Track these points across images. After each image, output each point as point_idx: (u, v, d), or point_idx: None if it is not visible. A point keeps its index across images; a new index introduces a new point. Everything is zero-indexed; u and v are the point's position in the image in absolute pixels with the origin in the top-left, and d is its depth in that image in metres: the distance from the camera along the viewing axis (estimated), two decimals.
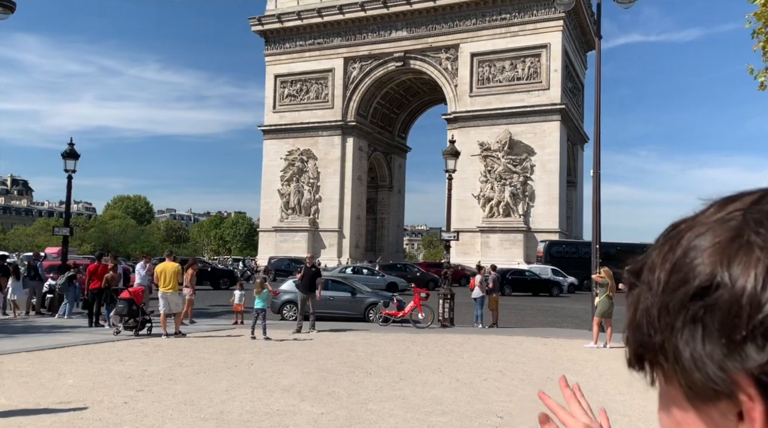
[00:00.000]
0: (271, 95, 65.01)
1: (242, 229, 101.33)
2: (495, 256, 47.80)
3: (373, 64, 61.26)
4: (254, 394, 7.97)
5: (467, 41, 56.23)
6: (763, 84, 10.51)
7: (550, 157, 52.57)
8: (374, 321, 17.71)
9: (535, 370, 10.52)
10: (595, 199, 17.59)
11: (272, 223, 63.33)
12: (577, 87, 63.16)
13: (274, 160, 63.60)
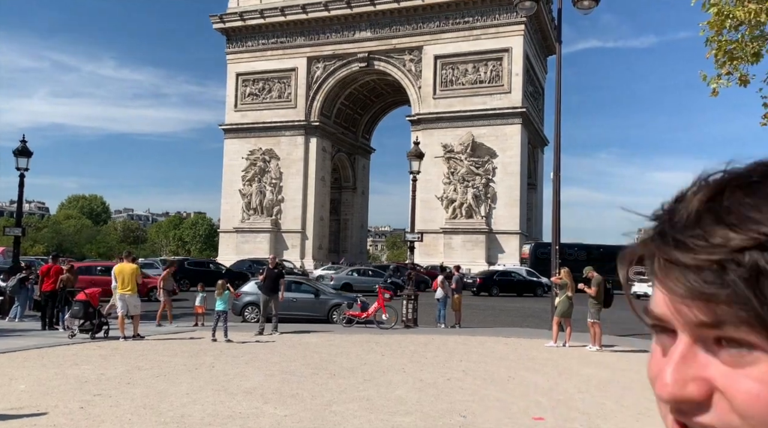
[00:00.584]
0: (232, 94, 64.19)
1: (202, 230, 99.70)
2: (458, 257, 48.22)
3: (337, 64, 61.11)
4: (216, 397, 7.84)
5: (431, 43, 56.64)
6: (716, 90, 10.86)
7: (512, 159, 53.38)
8: (338, 323, 17.65)
9: (498, 370, 10.64)
10: (555, 202, 17.93)
11: (233, 224, 62.52)
12: (537, 91, 64.28)
13: (236, 160, 62.80)
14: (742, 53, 10.41)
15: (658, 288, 0.49)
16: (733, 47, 10.41)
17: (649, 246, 0.49)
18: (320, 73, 61.68)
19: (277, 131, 62.01)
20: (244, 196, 62.40)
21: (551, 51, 66.07)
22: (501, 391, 8.91)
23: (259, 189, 61.92)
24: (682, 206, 0.47)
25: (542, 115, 66.74)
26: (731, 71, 10.69)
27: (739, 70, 10.64)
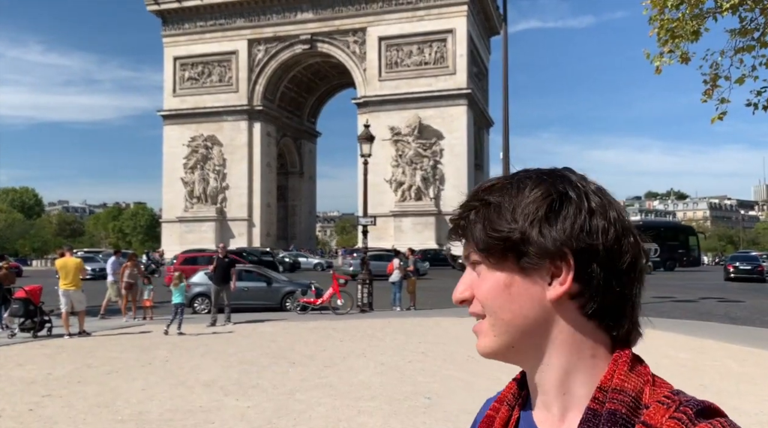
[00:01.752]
0: (170, 79, 62.13)
1: (143, 221, 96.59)
2: (408, 240, 48.51)
3: (279, 46, 59.94)
4: (174, 392, 7.57)
5: (374, 24, 56.23)
6: (659, 68, 11.13)
7: (458, 140, 53.90)
8: (292, 310, 17.44)
9: (456, 350, 10.71)
10: None
11: (176, 214, 60.87)
12: (482, 72, 64.91)
13: (176, 147, 60.99)
14: (682, 32, 10.67)
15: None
16: (674, 26, 10.65)
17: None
18: (262, 55, 60.38)
19: (218, 116, 60.49)
20: (187, 184, 60.77)
21: (494, 31, 66.79)
22: (462, 371, 8.97)
23: (202, 176, 60.42)
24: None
25: (487, 96, 67.53)
26: (673, 49, 10.95)
27: (680, 47, 10.92)
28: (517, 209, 0.74)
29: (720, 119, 10.57)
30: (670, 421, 0.66)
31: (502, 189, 0.76)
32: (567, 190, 0.75)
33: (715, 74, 10.50)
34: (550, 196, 0.74)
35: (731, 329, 13.42)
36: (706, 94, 10.84)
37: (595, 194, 0.76)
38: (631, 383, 0.72)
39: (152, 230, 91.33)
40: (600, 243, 0.72)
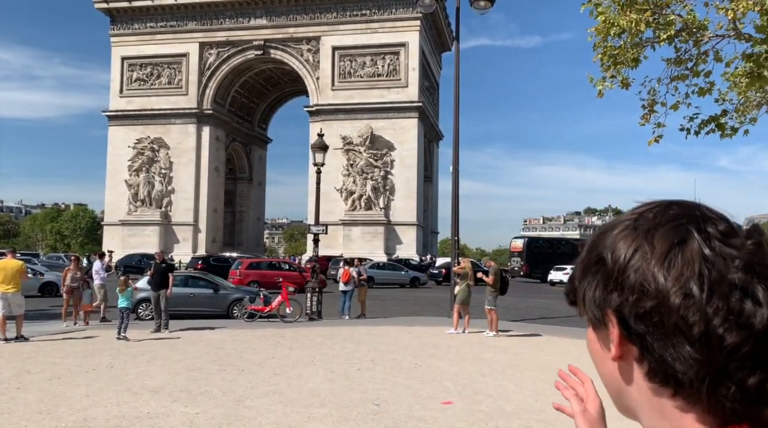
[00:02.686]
0: (117, 79, 60.52)
1: (83, 223, 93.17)
2: (357, 249, 48.67)
3: (231, 51, 59.32)
4: (120, 398, 7.47)
5: (329, 34, 56.43)
6: (601, 92, 11.71)
7: (409, 152, 54.56)
8: (239, 318, 17.28)
9: (404, 358, 10.94)
10: (454, 194, 18.59)
11: (119, 216, 59.12)
12: (433, 86, 65.97)
13: (121, 149, 59.34)
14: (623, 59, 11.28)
15: None
16: (616, 53, 11.26)
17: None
18: (213, 59, 59.58)
19: (166, 119, 59.25)
20: (131, 186, 59.17)
21: (445, 47, 68.10)
22: (410, 378, 9.19)
23: (148, 179, 58.96)
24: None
25: (437, 110, 68.63)
26: (614, 75, 11.56)
27: (621, 73, 11.53)
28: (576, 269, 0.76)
29: (656, 142, 11.22)
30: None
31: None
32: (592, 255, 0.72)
33: (652, 100, 11.13)
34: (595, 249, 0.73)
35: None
36: (644, 118, 11.48)
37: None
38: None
39: (93, 233, 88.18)
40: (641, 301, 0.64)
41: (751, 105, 10.93)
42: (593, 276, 0.69)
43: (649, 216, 0.67)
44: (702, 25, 10.39)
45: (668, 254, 0.62)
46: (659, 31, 10.64)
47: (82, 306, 15.73)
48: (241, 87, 63.96)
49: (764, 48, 9.68)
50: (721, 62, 10.64)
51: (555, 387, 0.98)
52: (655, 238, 0.64)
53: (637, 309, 0.63)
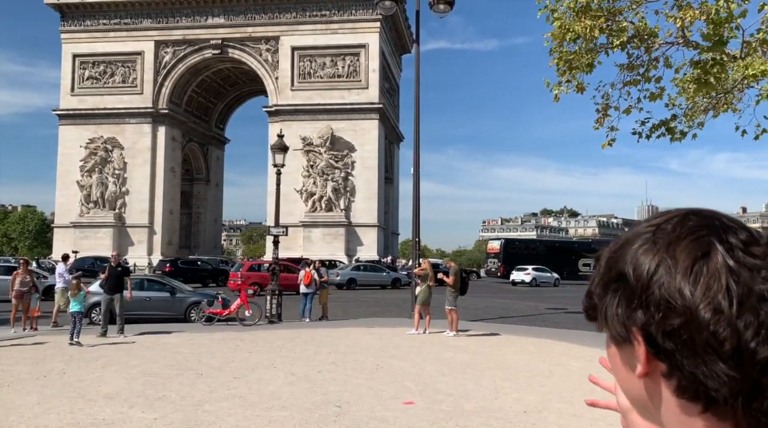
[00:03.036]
0: (68, 76, 58.69)
1: (32, 225, 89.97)
2: (317, 250, 48.41)
3: (188, 49, 58.27)
4: (74, 405, 7.26)
5: (288, 34, 56.02)
6: (557, 96, 11.99)
7: (370, 153, 54.60)
8: (197, 322, 17.00)
9: (366, 359, 10.95)
10: (414, 196, 18.71)
11: (70, 218, 57.32)
12: (393, 87, 66.20)
13: (73, 149, 57.57)
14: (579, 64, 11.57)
15: None
16: (571, 58, 11.53)
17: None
18: (169, 58, 58.42)
19: (120, 118, 57.78)
20: (83, 187, 57.46)
21: (405, 49, 68.45)
22: (371, 379, 9.21)
23: (101, 180, 57.36)
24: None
25: (398, 112, 68.91)
26: (570, 79, 11.83)
27: (577, 78, 11.82)
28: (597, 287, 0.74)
29: (610, 145, 11.54)
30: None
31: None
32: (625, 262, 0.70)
33: (606, 104, 11.45)
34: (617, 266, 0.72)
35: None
36: (598, 122, 11.80)
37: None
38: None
39: (43, 235, 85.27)
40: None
41: (699, 110, 11.34)
42: (614, 293, 0.67)
43: (667, 228, 0.65)
44: (653, 32, 10.75)
45: (693, 268, 0.61)
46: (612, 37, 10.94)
47: (31, 312, 15.20)
48: (198, 86, 62.88)
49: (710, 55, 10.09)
50: (670, 68, 11.03)
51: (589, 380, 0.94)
52: (677, 252, 0.63)
53: (664, 327, 0.62)
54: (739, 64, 9.46)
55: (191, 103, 63.57)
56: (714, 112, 11.23)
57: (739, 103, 11.03)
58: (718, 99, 10.98)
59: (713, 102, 11.07)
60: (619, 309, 0.66)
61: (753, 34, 9.83)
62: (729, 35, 9.72)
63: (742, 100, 11.03)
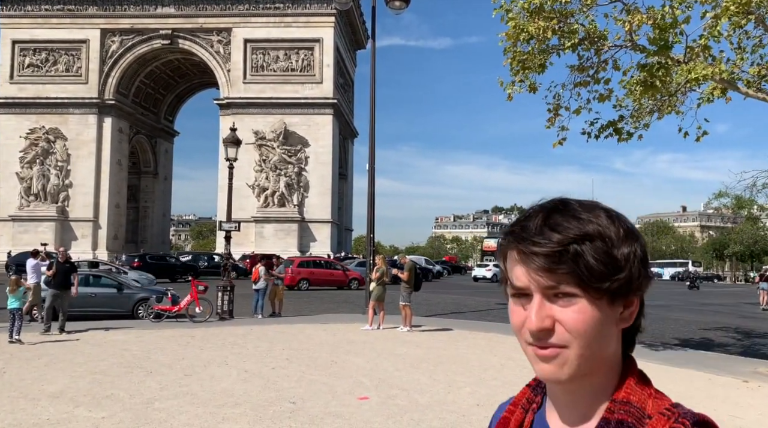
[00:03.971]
0: (7, 63, 56.11)
1: None
2: (270, 246, 47.84)
3: (136, 39, 56.56)
4: (15, 404, 6.97)
5: (240, 26, 55.07)
6: (510, 95, 12.19)
7: (324, 149, 54.28)
8: (144, 318, 16.58)
9: (320, 355, 10.92)
10: (370, 193, 18.71)
11: (9, 211, 54.90)
12: (348, 83, 65.97)
13: (12, 139, 55.14)
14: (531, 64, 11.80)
15: (521, 269, 0.83)
16: (525, 58, 11.74)
17: (511, 246, 0.85)
18: (116, 47, 56.59)
19: (63, 108, 55.64)
20: (23, 179, 55.13)
21: (360, 45, 68.30)
22: (326, 375, 9.19)
23: (42, 172, 55.14)
24: (531, 223, 0.83)
25: (352, 107, 68.70)
26: (523, 79, 12.04)
27: (529, 78, 12.04)
28: (622, 248, 0.81)
29: (561, 144, 11.82)
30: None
31: (591, 222, 0.82)
32: (634, 229, 0.85)
33: (557, 104, 11.72)
34: (638, 237, 0.84)
35: None
36: (549, 122, 12.06)
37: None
38: (637, 396, 0.83)
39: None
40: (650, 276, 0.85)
41: (645, 111, 11.74)
42: (635, 256, 0.82)
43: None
44: (602, 35, 11.06)
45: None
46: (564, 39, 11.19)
47: None
48: (146, 77, 61.14)
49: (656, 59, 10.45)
50: (619, 71, 11.38)
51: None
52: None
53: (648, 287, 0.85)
54: (683, 68, 9.84)
55: (139, 94, 61.78)
56: (659, 114, 11.65)
57: (682, 106, 11.48)
58: (663, 101, 11.39)
59: (658, 104, 11.48)
60: (639, 271, 0.83)
61: (695, 40, 10.25)
62: (674, 40, 10.11)
63: (684, 103, 11.48)
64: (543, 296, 0.81)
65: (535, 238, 0.81)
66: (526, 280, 0.82)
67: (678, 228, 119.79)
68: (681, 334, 15.68)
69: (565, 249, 0.80)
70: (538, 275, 0.81)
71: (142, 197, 66.45)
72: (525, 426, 0.93)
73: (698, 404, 7.77)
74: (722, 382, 9.26)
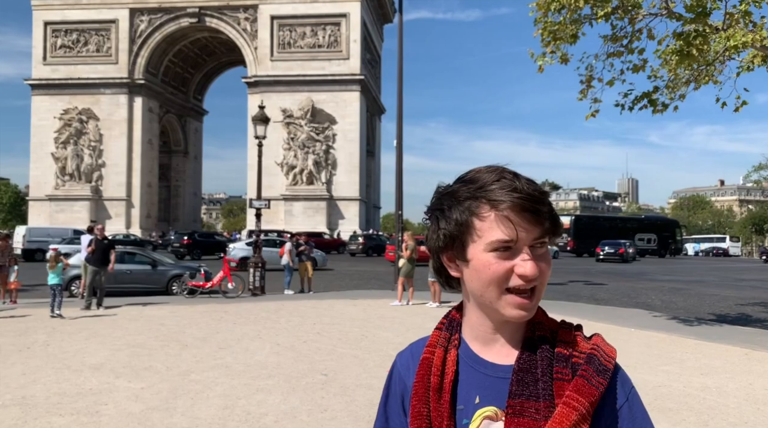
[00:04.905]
0: (40, 45, 57.08)
1: (6, 198, 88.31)
2: (298, 224, 48.30)
3: (164, 18, 56.90)
4: (59, 375, 7.23)
5: (267, 2, 54.92)
6: (541, 67, 11.95)
7: (351, 126, 54.19)
8: (178, 294, 16.95)
9: (351, 329, 11.04)
10: (398, 170, 18.67)
11: (45, 191, 56.36)
12: (375, 58, 65.48)
13: (46, 120, 56.34)
14: (563, 34, 11.52)
15: (510, 224, 0.95)
16: (556, 28, 11.47)
17: (505, 203, 0.99)
18: (145, 26, 57.04)
19: (95, 89, 56.53)
20: (58, 160, 56.41)
21: (387, 19, 67.58)
22: (356, 349, 9.29)
23: (76, 152, 56.35)
24: (517, 183, 1.00)
25: (380, 83, 68.28)
26: (554, 50, 11.78)
27: (561, 49, 11.77)
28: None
29: (593, 116, 11.59)
30: (576, 338, 1.04)
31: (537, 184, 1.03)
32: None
33: (589, 76, 11.46)
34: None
35: (595, 309, 14.85)
36: (581, 94, 11.82)
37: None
38: (545, 317, 1.07)
39: (17, 208, 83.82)
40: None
41: (681, 82, 11.41)
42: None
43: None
44: (636, 3, 10.72)
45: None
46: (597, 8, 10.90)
47: (9, 284, 15.01)
48: (175, 56, 61.61)
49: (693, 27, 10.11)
50: (653, 40, 11.05)
51: None
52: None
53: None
54: (721, 35, 9.51)
55: (168, 73, 62.35)
56: (695, 84, 11.31)
57: (720, 76, 11.12)
58: (700, 71, 11.05)
59: (695, 74, 11.14)
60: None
61: (735, 6, 9.87)
62: (712, 6, 9.75)
63: (723, 72, 11.11)
64: (528, 247, 0.96)
65: (534, 195, 0.97)
66: (514, 234, 0.95)
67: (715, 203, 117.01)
68: (717, 309, 15.42)
69: (551, 207, 0.98)
70: (533, 228, 0.96)
71: (173, 176, 67.48)
72: (449, 360, 1.06)
73: (734, 378, 7.67)
74: (759, 357, 9.10)
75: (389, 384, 1.15)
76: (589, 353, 1.00)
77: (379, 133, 69.40)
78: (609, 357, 1.00)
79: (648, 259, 47.60)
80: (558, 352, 1.01)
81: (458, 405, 1.03)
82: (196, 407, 6.09)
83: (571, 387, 0.96)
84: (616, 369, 1.00)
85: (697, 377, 7.74)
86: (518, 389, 0.98)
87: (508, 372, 1.01)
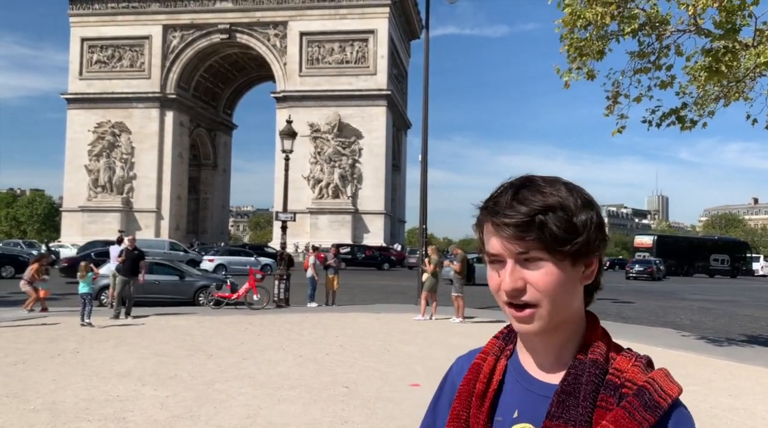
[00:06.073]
0: (76, 60, 58.81)
1: (40, 209, 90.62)
2: (324, 237, 48.59)
3: (196, 34, 58.20)
4: (88, 382, 7.41)
5: (296, 19, 55.82)
6: (567, 83, 11.94)
7: (377, 141, 54.53)
8: (205, 305, 17.17)
9: (373, 343, 11.07)
10: (422, 184, 18.73)
11: (78, 203, 57.73)
12: (401, 74, 65.94)
13: (81, 133, 57.86)
14: (589, 50, 11.51)
15: (495, 238, 0.96)
16: (582, 44, 11.47)
17: (486, 219, 0.99)
18: (177, 42, 58.40)
19: (128, 103, 57.94)
20: (91, 172, 57.79)
21: (414, 35, 68.08)
22: (378, 362, 9.32)
23: (108, 164, 57.68)
24: (502, 199, 0.96)
25: (406, 98, 68.65)
26: (580, 66, 11.76)
27: (587, 65, 11.75)
28: (580, 216, 0.95)
29: (620, 132, 11.52)
30: (633, 368, 0.96)
31: (553, 195, 0.96)
32: (591, 198, 1.00)
33: (616, 92, 11.41)
34: (594, 205, 0.99)
35: (622, 327, 14.62)
36: (608, 109, 11.76)
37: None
38: (604, 341, 1.01)
39: (50, 219, 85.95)
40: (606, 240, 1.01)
41: (710, 98, 11.29)
42: (592, 222, 0.97)
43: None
44: (664, 19, 10.67)
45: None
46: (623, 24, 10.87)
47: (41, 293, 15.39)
48: (205, 71, 62.88)
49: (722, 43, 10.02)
50: (681, 56, 10.96)
51: None
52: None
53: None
54: (751, 52, 9.42)
55: (199, 88, 63.61)
56: (725, 101, 11.18)
57: (751, 92, 10.98)
58: (730, 87, 10.92)
59: (724, 90, 11.02)
60: (595, 235, 0.97)
61: (766, 22, 9.77)
62: (741, 23, 9.66)
63: (754, 89, 10.98)
64: (515, 261, 0.95)
65: (506, 211, 0.95)
66: (499, 248, 0.96)
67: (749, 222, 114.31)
68: (748, 330, 15.07)
69: (531, 220, 0.93)
70: (510, 243, 0.94)
71: (202, 189, 68.55)
72: (498, 369, 1.06)
73: (764, 400, 7.49)
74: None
75: (443, 385, 1.16)
76: (641, 385, 0.93)
77: (405, 148, 69.66)
78: (665, 394, 0.92)
79: (678, 278, 46.77)
80: (609, 380, 0.95)
81: (497, 416, 1.03)
82: (219, 416, 6.18)
83: (610, 418, 0.91)
84: (672, 409, 0.92)
85: (725, 398, 7.58)
86: (557, 411, 0.95)
87: (550, 391, 0.98)
